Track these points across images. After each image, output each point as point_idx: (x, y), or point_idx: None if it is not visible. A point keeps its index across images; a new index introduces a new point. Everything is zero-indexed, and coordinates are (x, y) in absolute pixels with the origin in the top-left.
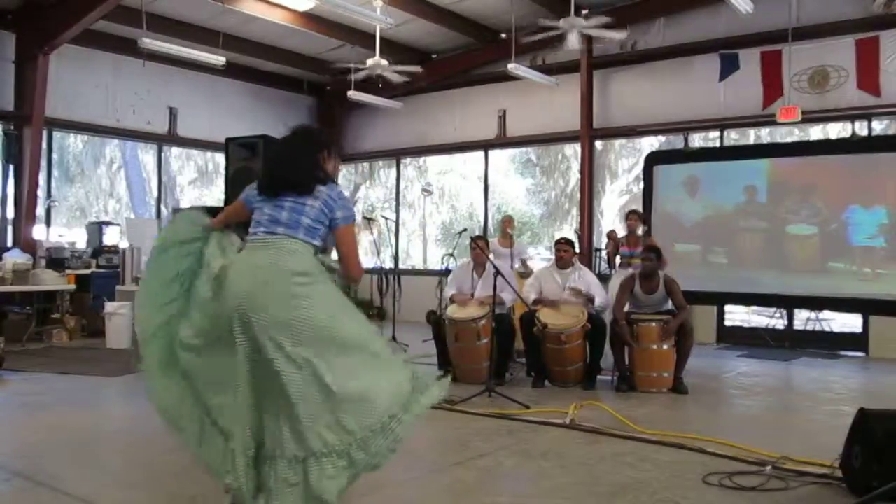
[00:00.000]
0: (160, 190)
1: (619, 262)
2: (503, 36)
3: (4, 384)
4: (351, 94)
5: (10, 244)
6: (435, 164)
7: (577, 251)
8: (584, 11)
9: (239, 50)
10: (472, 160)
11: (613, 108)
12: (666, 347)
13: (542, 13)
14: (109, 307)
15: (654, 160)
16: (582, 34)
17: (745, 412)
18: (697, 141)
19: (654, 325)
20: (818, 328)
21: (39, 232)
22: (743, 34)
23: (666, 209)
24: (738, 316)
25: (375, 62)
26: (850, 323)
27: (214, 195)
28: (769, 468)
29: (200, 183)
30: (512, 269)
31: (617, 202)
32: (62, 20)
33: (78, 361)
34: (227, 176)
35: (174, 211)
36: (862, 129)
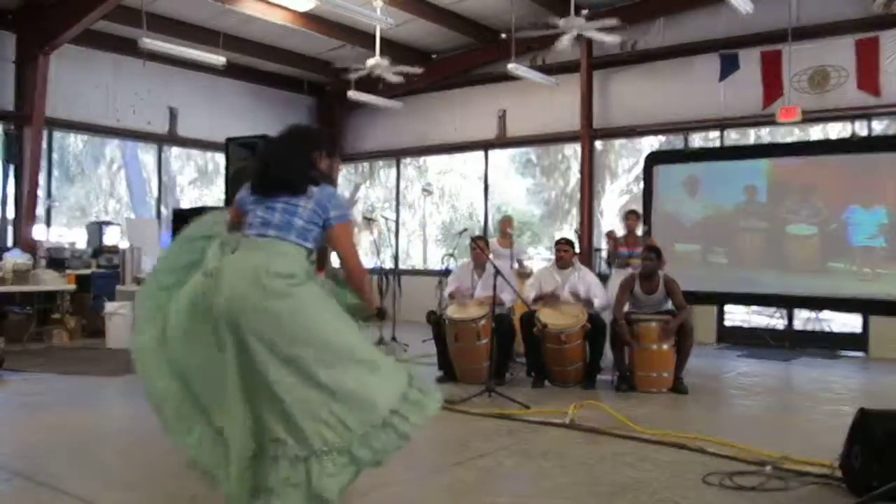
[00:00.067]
0: (160, 190)
1: (617, 261)
2: (503, 36)
3: (4, 384)
4: (351, 94)
5: (10, 244)
6: (435, 164)
7: (577, 251)
8: (584, 11)
9: (239, 50)
10: (472, 160)
11: (613, 108)
12: (666, 347)
13: (542, 13)
14: (109, 307)
15: (654, 160)
16: (579, 36)
17: (745, 412)
18: (697, 141)
19: (654, 325)
20: (818, 328)
21: (39, 232)
22: (743, 34)
23: (666, 209)
24: (738, 316)
25: (375, 62)
26: (850, 323)
27: (214, 195)
28: (769, 468)
29: (200, 183)
30: (511, 269)
31: (617, 202)
32: (62, 20)
33: (78, 361)
34: (227, 176)
35: (174, 212)
36: (862, 129)
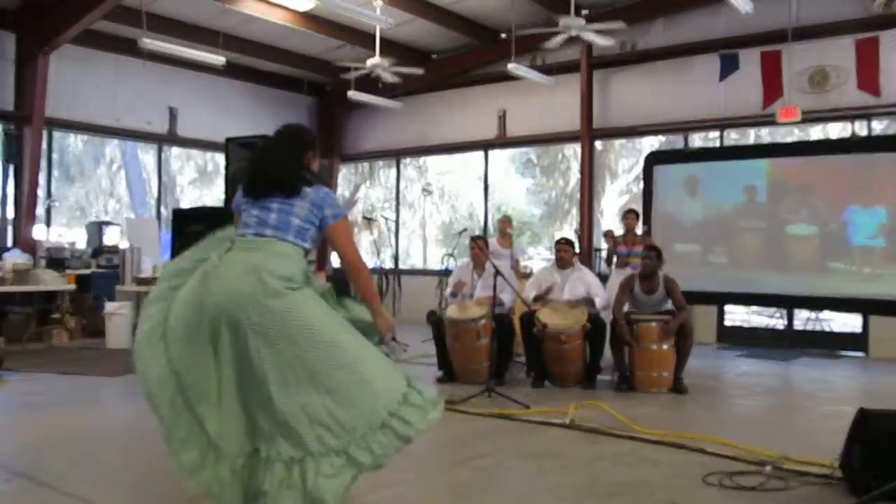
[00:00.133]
0: (160, 190)
1: (615, 261)
2: (503, 36)
3: (4, 384)
4: (351, 94)
5: (10, 244)
6: (435, 164)
7: (577, 251)
8: (584, 11)
9: (239, 50)
10: (472, 160)
11: (613, 108)
12: (666, 347)
13: (542, 13)
14: (109, 307)
15: (654, 160)
16: (577, 37)
17: (745, 412)
18: (697, 141)
19: (653, 325)
20: (818, 328)
21: (39, 232)
22: (743, 34)
23: (666, 209)
24: (738, 316)
25: (375, 62)
26: (850, 323)
27: (214, 195)
28: (769, 468)
29: (200, 183)
30: (512, 269)
31: (617, 202)
32: (62, 20)
33: (78, 361)
34: (227, 176)
35: (174, 212)
36: (862, 129)
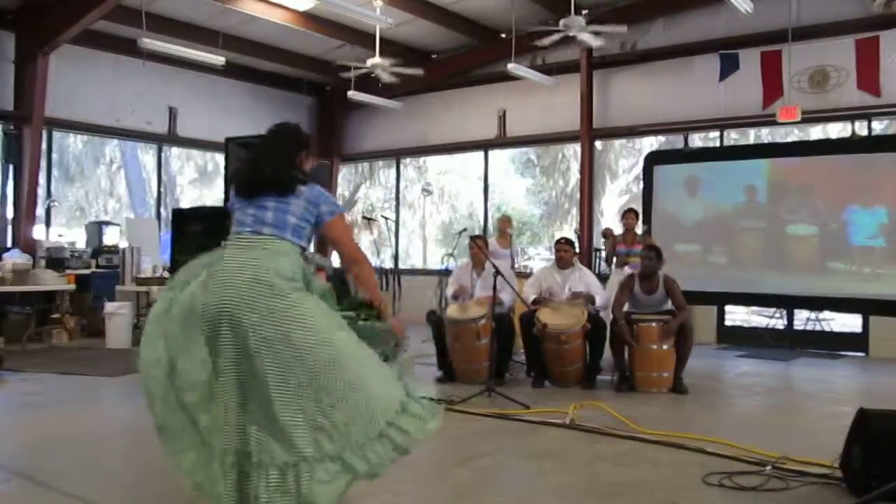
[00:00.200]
0: (160, 190)
1: (615, 261)
2: (503, 36)
3: (4, 384)
4: (351, 94)
5: (9, 244)
6: (435, 164)
7: (577, 251)
8: (584, 11)
9: (239, 50)
10: (471, 160)
11: (613, 108)
12: (666, 347)
13: (542, 13)
14: (109, 307)
15: (653, 160)
16: (581, 35)
17: (745, 412)
18: (697, 141)
19: (653, 325)
20: (818, 328)
21: (39, 232)
22: (743, 34)
23: (666, 209)
24: (738, 316)
25: (375, 62)
26: (850, 323)
27: (214, 195)
28: (769, 468)
29: (200, 183)
30: (512, 268)
31: (617, 202)
32: (62, 20)
33: (78, 361)
34: (226, 176)
35: (174, 212)
36: (862, 129)
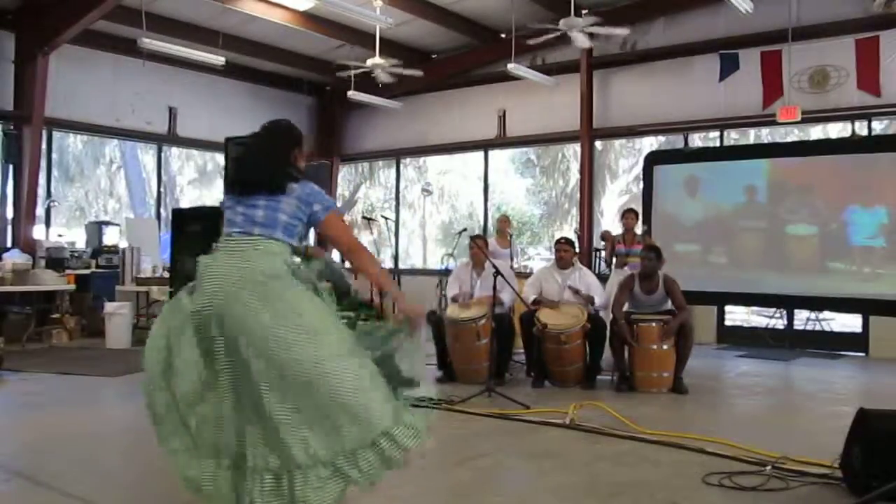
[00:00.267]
0: (160, 190)
1: (615, 261)
2: (503, 36)
3: (4, 384)
4: (351, 94)
5: (9, 244)
6: (435, 164)
7: (577, 251)
8: (584, 11)
9: (239, 50)
10: (471, 160)
11: (613, 108)
12: (666, 347)
13: (542, 13)
14: (109, 307)
15: (653, 160)
16: (582, 34)
17: (745, 412)
18: (697, 141)
19: (653, 325)
20: (818, 328)
21: (39, 232)
22: (743, 34)
23: (666, 209)
24: (738, 316)
25: (375, 62)
26: (850, 323)
27: (214, 195)
28: (769, 468)
29: (200, 183)
30: (511, 268)
31: (617, 202)
32: (62, 20)
33: (77, 361)
34: (226, 176)
35: (173, 212)
36: (862, 129)
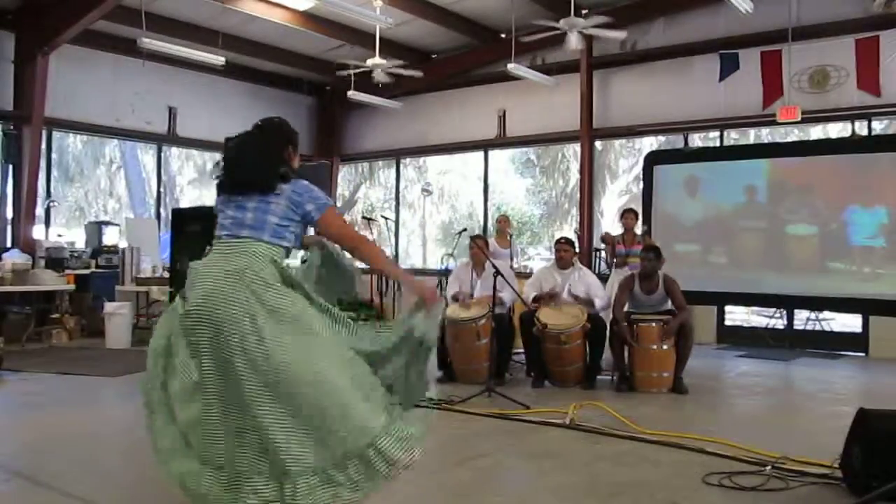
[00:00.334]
0: (160, 190)
1: (615, 260)
2: (503, 36)
3: (4, 384)
4: (351, 94)
5: (9, 244)
6: (435, 164)
7: (577, 251)
8: (584, 11)
9: (239, 50)
10: (471, 160)
11: (613, 108)
12: (666, 347)
13: (542, 13)
14: (109, 307)
15: (653, 160)
16: (581, 34)
17: (745, 412)
18: (697, 141)
19: (654, 325)
20: (818, 328)
21: (39, 232)
22: (743, 34)
23: (666, 209)
24: (738, 316)
25: (375, 62)
26: (850, 323)
27: (214, 195)
28: (769, 468)
29: (200, 183)
30: (511, 268)
31: (617, 202)
32: (62, 20)
33: (77, 361)
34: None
35: (173, 212)
36: (862, 129)
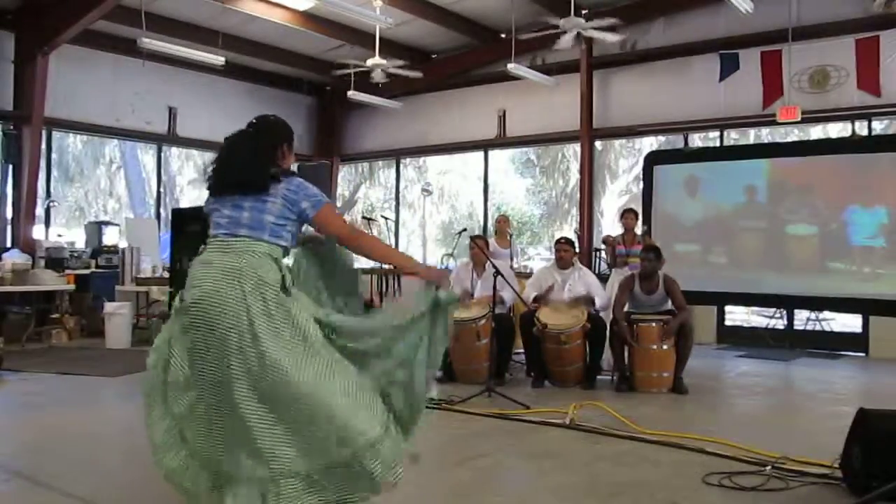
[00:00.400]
0: (160, 190)
1: (616, 260)
2: (503, 36)
3: (4, 384)
4: (351, 94)
5: (9, 244)
6: (435, 164)
7: (577, 251)
8: (584, 11)
9: (239, 50)
10: (471, 160)
11: (613, 108)
12: (666, 347)
13: (542, 13)
14: (109, 307)
15: (653, 160)
16: (581, 35)
17: (745, 412)
18: (697, 141)
19: (654, 325)
20: (818, 328)
21: (39, 232)
22: (743, 34)
23: (666, 209)
24: (738, 316)
25: (375, 62)
26: (850, 323)
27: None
28: (769, 468)
29: (200, 183)
30: (511, 268)
31: (617, 202)
32: (62, 20)
33: (77, 361)
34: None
35: (173, 212)
36: (862, 129)
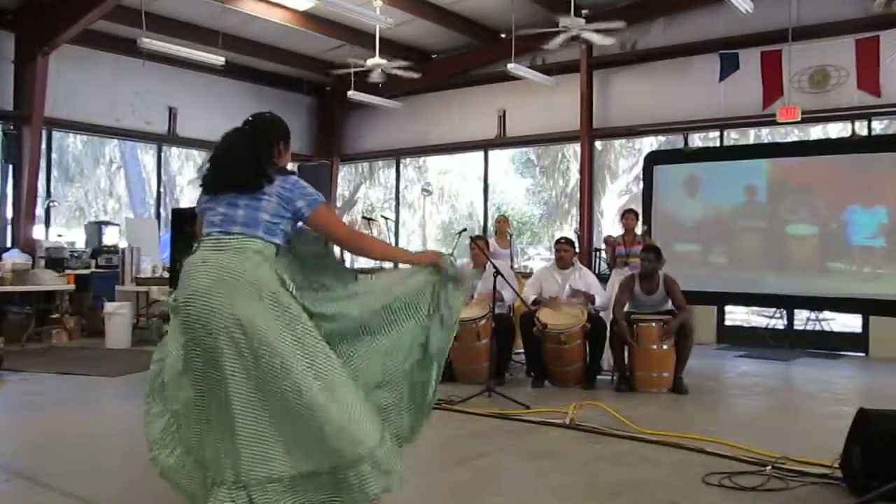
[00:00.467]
0: (160, 190)
1: (616, 261)
2: (503, 36)
3: (4, 384)
4: (351, 94)
5: (9, 244)
6: (435, 164)
7: (577, 251)
8: (584, 11)
9: (239, 50)
10: (471, 160)
11: (613, 108)
12: (666, 347)
13: (542, 13)
14: (109, 307)
15: (653, 160)
16: (577, 36)
17: (745, 412)
18: (697, 141)
19: (654, 325)
20: (818, 328)
21: (39, 232)
22: (743, 34)
23: (666, 209)
24: (738, 316)
25: (375, 62)
26: (850, 323)
27: None
28: (769, 468)
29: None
30: (511, 268)
31: (617, 202)
32: (62, 20)
33: (78, 361)
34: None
35: (173, 212)
36: (862, 129)
